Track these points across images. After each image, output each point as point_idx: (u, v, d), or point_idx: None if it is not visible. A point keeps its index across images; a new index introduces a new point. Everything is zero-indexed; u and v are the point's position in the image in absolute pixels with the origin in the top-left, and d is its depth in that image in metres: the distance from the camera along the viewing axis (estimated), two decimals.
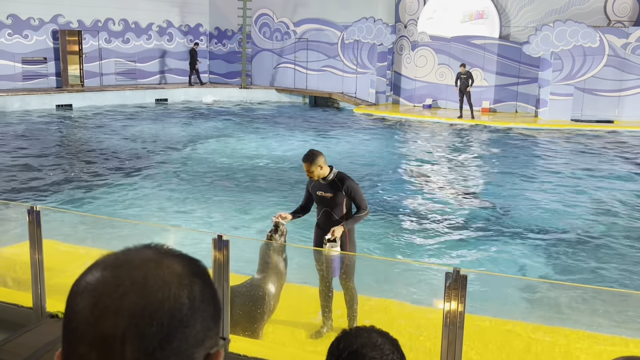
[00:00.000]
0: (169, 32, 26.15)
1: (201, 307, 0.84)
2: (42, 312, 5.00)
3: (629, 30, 19.82)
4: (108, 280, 0.82)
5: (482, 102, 21.88)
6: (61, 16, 23.06)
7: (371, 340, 1.64)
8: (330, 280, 5.40)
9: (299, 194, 11.08)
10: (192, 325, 0.83)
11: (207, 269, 0.90)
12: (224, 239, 4.50)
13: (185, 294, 0.83)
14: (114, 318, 0.79)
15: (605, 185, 12.25)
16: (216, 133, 17.55)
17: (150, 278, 0.82)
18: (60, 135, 16.87)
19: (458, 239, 8.90)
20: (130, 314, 0.80)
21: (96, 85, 23.84)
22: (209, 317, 0.86)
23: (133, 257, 0.86)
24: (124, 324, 0.79)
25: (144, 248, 0.89)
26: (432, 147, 16.38)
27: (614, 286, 7.10)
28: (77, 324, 0.81)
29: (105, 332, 0.79)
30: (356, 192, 5.27)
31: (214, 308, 0.87)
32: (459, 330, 3.99)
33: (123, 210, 9.95)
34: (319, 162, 5.26)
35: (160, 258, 0.86)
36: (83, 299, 0.82)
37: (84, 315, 0.81)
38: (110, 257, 0.87)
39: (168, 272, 0.84)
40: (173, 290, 0.82)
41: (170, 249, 0.90)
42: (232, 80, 26.64)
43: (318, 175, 5.28)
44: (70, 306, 0.84)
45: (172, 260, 0.86)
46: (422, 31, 22.88)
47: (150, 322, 0.80)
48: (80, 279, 0.86)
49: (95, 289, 0.82)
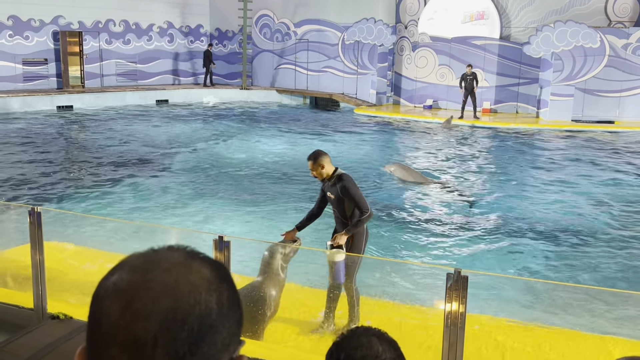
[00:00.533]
0: (170, 33, 26.17)
1: (229, 312, 0.86)
2: (43, 313, 5.00)
3: (629, 31, 19.81)
4: (139, 284, 0.82)
5: (483, 102, 21.88)
6: (62, 17, 23.08)
7: (372, 350, 1.62)
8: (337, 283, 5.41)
9: (299, 193, 11.09)
10: (220, 330, 0.84)
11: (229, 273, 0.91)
12: (225, 240, 4.50)
13: (214, 299, 0.84)
14: (145, 321, 0.80)
15: (607, 186, 12.24)
16: (217, 134, 17.55)
17: (180, 282, 0.83)
18: (61, 136, 16.88)
19: (459, 240, 8.90)
20: (162, 317, 0.80)
21: (97, 86, 23.86)
22: (234, 323, 0.87)
23: (161, 260, 0.86)
24: (155, 328, 0.80)
25: (170, 250, 0.89)
26: (432, 148, 16.38)
27: (615, 286, 7.10)
28: (107, 327, 0.82)
29: (137, 335, 0.80)
30: (351, 193, 5.22)
31: (239, 313, 0.88)
32: (460, 331, 3.99)
33: (124, 211, 9.95)
34: (321, 161, 5.30)
35: (189, 262, 0.86)
36: (113, 302, 0.82)
37: (114, 318, 0.81)
38: (137, 260, 0.87)
39: (198, 277, 0.84)
40: (203, 296, 0.83)
41: (196, 251, 0.90)
42: (233, 81, 26.65)
43: (320, 175, 5.33)
44: (98, 308, 0.84)
45: (200, 265, 0.87)
46: (423, 32, 22.88)
47: (182, 326, 0.80)
48: (107, 281, 0.86)
49: (126, 292, 0.82)
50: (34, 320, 4.85)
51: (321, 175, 5.35)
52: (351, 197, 5.24)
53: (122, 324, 0.80)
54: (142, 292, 0.82)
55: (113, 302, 0.82)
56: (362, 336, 1.66)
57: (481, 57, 22.03)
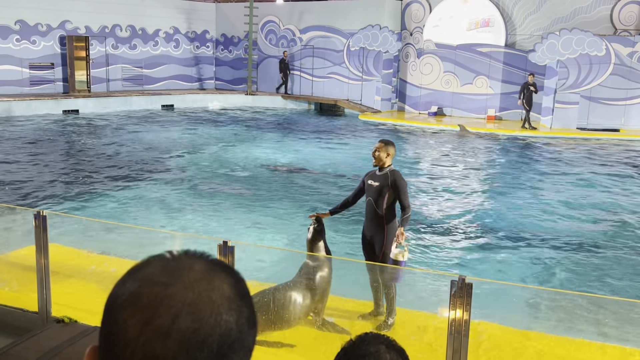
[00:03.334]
0: (176, 39, 26.27)
1: (247, 332, 0.85)
2: (48, 316, 5.01)
3: (635, 39, 19.79)
4: (159, 299, 0.80)
5: (488, 110, 21.87)
6: (69, 22, 23.20)
7: (380, 359, 1.60)
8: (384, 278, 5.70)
9: (304, 198, 11.10)
10: (238, 350, 0.83)
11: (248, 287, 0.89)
12: (229, 245, 4.50)
13: (234, 319, 0.83)
14: (165, 340, 0.78)
15: (612, 194, 12.21)
16: (222, 139, 17.59)
17: (202, 300, 0.81)
18: (66, 140, 16.94)
19: (463, 247, 8.88)
20: (182, 337, 0.79)
21: (103, 91, 23.95)
22: (252, 341, 0.86)
23: (182, 272, 0.84)
24: (174, 347, 0.78)
25: (190, 258, 0.87)
26: (437, 154, 16.37)
27: (622, 295, 7.07)
28: (125, 342, 0.80)
29: (156, 354, 0.78)
30: (401, 188, 5.56)
31: (255, 331, 0.88)
32: (464, 338, 3.98)
33: (129, 215, 9.97)
34: (389, 150, 5.66)
35: (210, 276, 0.84)
36: (132, 316, 0.80)
37: (132, 334, 0.79)
38: (156, 268, 0.84)
39: (219, 295, 0.83)
40: (224, 316, 0.82)
41: (216, 261, 0.88)
42: (238, 86, 26.71)
43: (378, 159, 5.65)
44: (115, 319, 0.81)
45: (222, 280, 0.85)
46: (428, 39, 22.91)
47: (202, 347, 0.79)
48: (123, 288, 0.83)
49: (145, 307, 0.80)
50: (38, 324, 4.85)
51: (380, 160, 5.63)
52: (400, 189, 5.54)
53: (142, 341, 0.79)
54: (162, 309, 0.80)
55: (131, 315, 0.80)
56: (370, 344, 1.64)
57: (486, 65, 22.04)
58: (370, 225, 5.69)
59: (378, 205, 5.60)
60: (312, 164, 14.52)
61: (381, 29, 22.78)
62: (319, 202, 11.07)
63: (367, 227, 5.75)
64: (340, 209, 5.97)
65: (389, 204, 5.60)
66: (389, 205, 5.61)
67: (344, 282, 6.50)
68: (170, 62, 26.11)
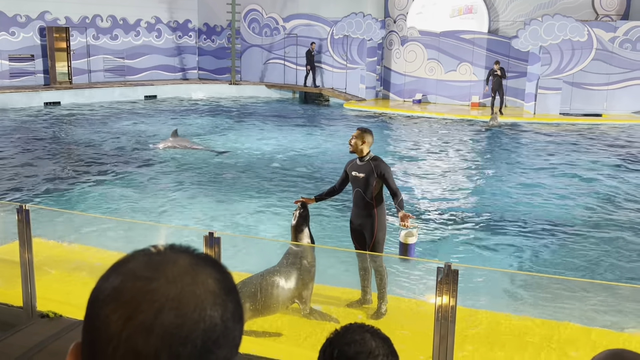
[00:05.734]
0: (158, 29, 26.01)
1: (233, 327, 0.84)
2: (33, 311, 4.97)
3: (616, 24, 19.92)
4: (142, 294, 0.79)
5: (472, 96, 21.94)
6: (48, 13, 22.88)
7: (366, 346, 1.62)
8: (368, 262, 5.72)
9: (289, 188, 11.09)
10: (223, 345, 0.82)
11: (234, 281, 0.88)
12: (215, 236, 4.49)
13: (219, 314, 0.81)
14: (147, 335, 0.77)
15: (594, 179, 12.32)
16: (205, 129, 17.49)
17: (186, 296, 0.80)
18: (48, 133, 16.75)
19: (449, 234, 8.93)
20: (165, 332, 0.77)
21: (84, 82, 23.69)
22: (237, 336, 0.85)
23: (166, 267, 0.82)
24: (157, 343, 0.77)
25: (174, 252, 0.85)
26: (422, 142, 16.41)
27: (604, 278, 7.15)
28: (107, 337, 0.79)
29: (138, 349, 0.77)
30: (387, 175, 5.58)
31: (241, 326, 0.86)
32: (450, 324, 4.01)
33: (113, 208, 9.90)
34: (365, 137, 5.63)
35: (195, 271, 0.83)
36: (114, 311, 0.79)
37: (115, 329, 0.78)
38: (140, 263, 0.83)
39: (204, 290, 0.81)
40: (208, 311, 0.80)
41: (201, 255, 0.87)
42: (222, 76, 26.55)
43: (356, 147, 5.63)
44: (97, 315, 0.80)
45: (206, 274, 0.83)
46: (412, 26, 22.89)
47: (185, 343, 0.78)
48: (106, 283, 0.82)
49: (128, 301, 0.79)
50: (23, 319, 4.82)
51: (356, 147, 5.61)
52: (386, 178, 5.56)
53: (124, 337, 0.77)
54: (145, 304, 0.78)
55: (114, 311, 0.79)
56: (356, 332, 1.66)
57: (470, 51, 22.08)
58: (359, 213, 5.72)
59: (367, 195, 5.64)
60: (296, 154, 14.50)
61: (364, 16, 22.72)
62: (303, 191, 11.07)
63: (355, 215, 5.77)
64: (325, 196, 5.99)
65: (377, 191, 5.65)
66: (377, 193, 5.66)
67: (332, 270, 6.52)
68: (153, 53, 25.86)
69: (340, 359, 1.61)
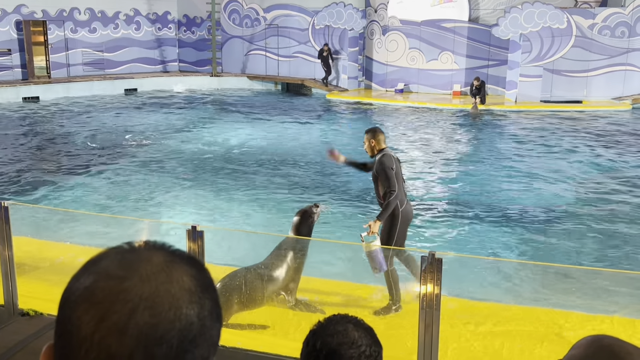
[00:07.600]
0: (137, 21, 25.72)
1: (211, 325, 0.81)
2: (14, 309, 4.91)
3: (595, 11, 20.06)
4: (114, 294, 0.76)
5: (453, 85, 21.99)
6: (24, 6, 22.51)
7: (348, 337, 1.62)
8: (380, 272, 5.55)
9: (273, 180, 11.05)
10: (200, 344, 0.79)
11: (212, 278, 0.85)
12: (198, 230, 4.46)
13: (195, 313, 0.79)
14: (121, 337, 0.74)
15: (576, 166, 12.44)
16: (187, 122, 17.36)
17: (160, 294, 0.77)
18: (27, 128, 16.53)
19: (432, 222, 8.96)
20: (140, 333, 0.75)
21: (63, 76, 23.38)
22: (215, 334, 0.82)
23: (140, 265, 0.79)
24: (132, 344, 0.74)
25: (149, 250, 0.82)
26: (405, 131, 16.44)
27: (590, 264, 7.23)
28: (79, 339, 0.75)
29: (112, 351, 0.74)
30: (380, 172, 5.53)
31: (219, 324, 0.84)
32: (435, 312, 4.02)
33: (94, 204, 9.80)
34: (373, 137, 5.65)
35: (169, 268, 0.80)
36: (86, 312, 0.76)
37: (87, 331, 0.75)
38: (113, 262, 0.80)
39: (179, 288, 0.78)
40: (184, 310, 0.77)
41: (177, 252, 0.84)
42: (202, 68, 26.33)
43: (369, 150, 5.70)
44: (69, 317, 0.77)
45: (181, 272, 0.80)
46: (393, 15, 22.85)
47: (160, 343, 0.76)
48: (77, 283, 0.79)
49: (100, 302, 0.76)
50: (4, 317, 4.76)
51: (371, 150, 5.68)
52: (380, 176, 5.52)
53: (96, 339, 0.75)
54: (118, 304, 0.75)
55: (86, 312, 0.76)
56: (339, 324, 1.66)
57: (450, 40, 22.11)
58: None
59: (376, 192, 5.72)
60: (279, 145, 14.45)
61: (345, 6, 22.64)
62: (288, 184, 11.04)
63: None
64: (355, 164, 6.05)
65: (383, 191, 5.60)
66: (385, 192, 5.59)
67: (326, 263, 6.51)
68: (132, 45, 25.56)
69: (323, 350, 1.61)
